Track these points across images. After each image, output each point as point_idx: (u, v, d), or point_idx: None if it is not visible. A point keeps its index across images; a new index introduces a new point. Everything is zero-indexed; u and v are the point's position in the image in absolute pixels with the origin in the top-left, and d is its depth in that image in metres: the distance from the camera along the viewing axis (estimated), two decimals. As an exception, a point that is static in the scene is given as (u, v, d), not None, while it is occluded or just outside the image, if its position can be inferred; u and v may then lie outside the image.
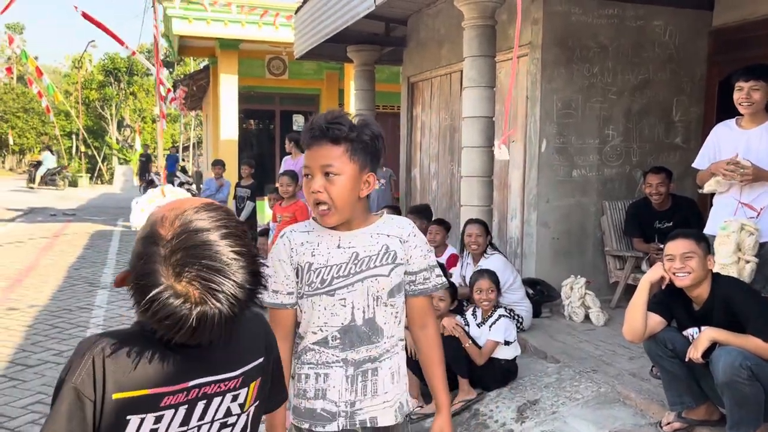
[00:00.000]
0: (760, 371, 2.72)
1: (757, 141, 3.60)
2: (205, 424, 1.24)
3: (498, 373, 3.99)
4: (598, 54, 5.64)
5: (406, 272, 1.82)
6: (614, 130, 5.77)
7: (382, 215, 1.86)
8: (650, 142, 5.89)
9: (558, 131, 5.58)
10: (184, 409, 1.20)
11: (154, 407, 1.17)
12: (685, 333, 3.03)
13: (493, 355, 3.98)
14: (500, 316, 4.06)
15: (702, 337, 2.86)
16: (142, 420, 1.16)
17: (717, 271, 3.17)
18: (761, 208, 3.55)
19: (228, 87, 13.15)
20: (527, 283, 5.24)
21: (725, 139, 3.74)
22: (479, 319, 4.15)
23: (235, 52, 13.16)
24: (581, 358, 4.23)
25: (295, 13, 8.75)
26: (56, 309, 6.50)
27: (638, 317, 3.00)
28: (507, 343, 4.00)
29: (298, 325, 1.84)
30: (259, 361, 1.33)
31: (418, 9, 7.53)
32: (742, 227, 3.48)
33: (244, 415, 1.31)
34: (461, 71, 5.70)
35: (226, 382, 1.25)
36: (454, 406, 3.82)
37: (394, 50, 8.48)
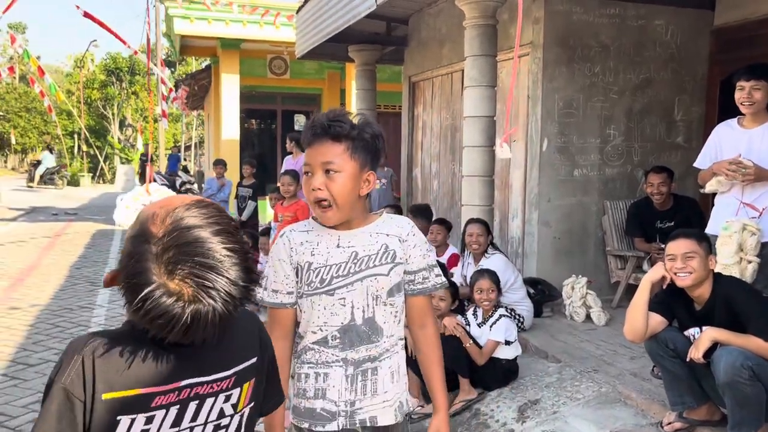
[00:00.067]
0: (762, 371, 2.71)
1: (759, 141, 3.59)
2: (198, 425, 1.22)
3: (499, 373, 3.99)
4: (600, 53, 5.63)
5: (406, 271, 1.82)
6: (615, 130, 5.76)
7: (382, 214, 1.86)
8: (652, 142, 5.88)
9: (559, 130, 5.57)
10: (175, 409, 1.18)
11: (144, 407, 1.15)
12: (686, 333, 3.02)
13: (494, 355, 3.97)
14: (501, 316, 4.06)
15: (703, 337, 2.86)
16: (132, 420, 1.14)
17: (719, 271, 3.17)
18: (763, 208, 3.54)
19: (229, 86, 13.16)
20: (528, 282, 5.24)
21: (727, 138, 3.74)
22: (480, 318, 4.14)
23: (237, 52, 13.17)
24: (582, 357, 4.22)
25: (297, 12, 8.75)
26: (58, 308, 6.51)
27: (639, 317, 2.99)
28: (508, 343, 3.99)
29: (298, 324, 1.84)
30: (252, 361, 1.31)
31: (420, 8, 7.52)
32: (744, 227, 3.47)
33: (238, 416, 1.28)
34: (462, 71, 5.70)
35: (219, 383, 1.23)
36: (454, 405, 3.82)
37: (395, 50, 8.47)
